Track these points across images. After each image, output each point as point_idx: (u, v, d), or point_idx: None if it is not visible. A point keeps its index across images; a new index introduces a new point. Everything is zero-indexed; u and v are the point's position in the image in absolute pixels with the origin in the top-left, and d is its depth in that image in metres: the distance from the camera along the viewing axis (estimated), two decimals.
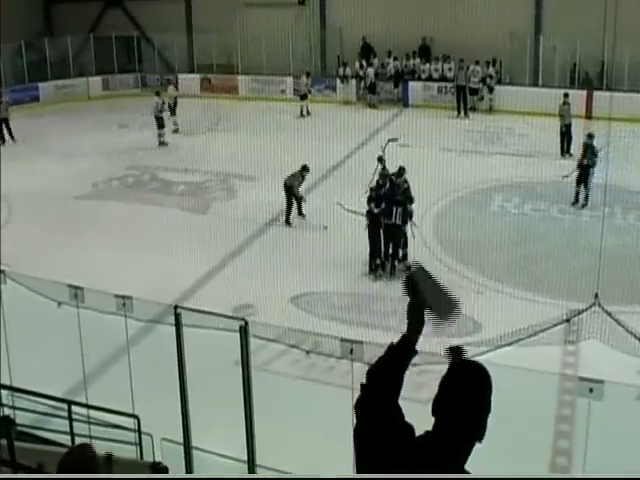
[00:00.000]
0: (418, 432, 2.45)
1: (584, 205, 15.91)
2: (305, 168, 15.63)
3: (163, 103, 22.37)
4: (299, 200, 15.55)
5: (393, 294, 11.30)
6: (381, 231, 13.03)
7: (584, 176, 16.07)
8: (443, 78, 25.70)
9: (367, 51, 27.06)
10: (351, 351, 8.17)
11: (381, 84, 26.32)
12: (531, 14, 25.78)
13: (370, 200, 13.16)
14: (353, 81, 26.55)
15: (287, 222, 15.30)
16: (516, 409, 8.15)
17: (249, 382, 7.78)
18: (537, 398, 8.61)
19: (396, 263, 12.93)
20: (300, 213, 15.59)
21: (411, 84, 25.92)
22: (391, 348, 2.60)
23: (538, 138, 20.28)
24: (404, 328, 2.60)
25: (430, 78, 25.89)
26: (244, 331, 7.78)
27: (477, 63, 24.96)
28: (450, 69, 25.63)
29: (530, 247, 13.77)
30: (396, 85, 26.25)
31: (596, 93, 23.10)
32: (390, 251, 13.03)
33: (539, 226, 14.68)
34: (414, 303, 2.60)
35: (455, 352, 2.47)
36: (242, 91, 27.32)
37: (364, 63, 26.57)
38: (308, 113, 24.78)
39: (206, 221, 15.51)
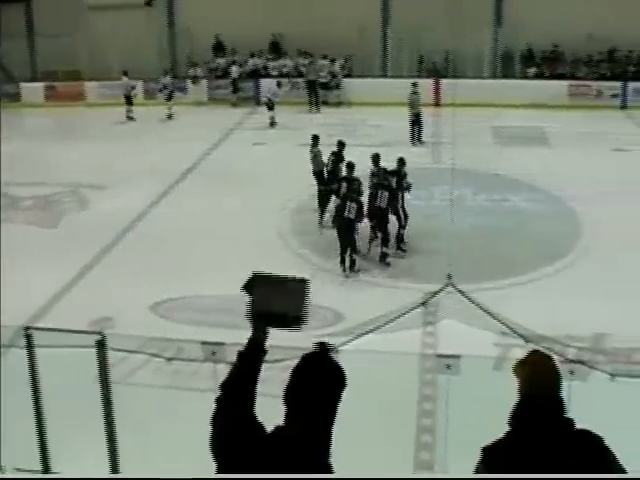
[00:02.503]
0: None
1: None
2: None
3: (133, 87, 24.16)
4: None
5: None
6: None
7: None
8: (298, 74, 25.83)
9: (219, 50, 26.88)
10: (213, 353, 8.08)
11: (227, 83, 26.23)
12: (378, 7, 26.42)
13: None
14: (204, 81, 26.30)
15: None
16: (380, 393, 8.32)
17: (108, 398, 7.52)
18: (400, 381, 8.79)
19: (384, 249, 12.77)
20: None
21: (262, 81, 25.91)
22: (240, 355, 2.63)
23: (391, 128, 20.79)
24: None
25: (281, 74, 25.96)
26: (101, 345, 7.53)
27: (325, 57, 25.32)
28: (304, 65, 25.81)
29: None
30: (235, 87, 26.08)
31: (443, 81, 23.96)
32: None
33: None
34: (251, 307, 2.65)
35: (322, 348, 2.56)
36: (90, 98, 26.43)
37: (221, 61, 26.45)
38: (275, 123, 22.62)
39: (58, 234, 14.86)
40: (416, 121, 20.58)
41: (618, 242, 13.30)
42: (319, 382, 2.49)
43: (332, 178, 14.62)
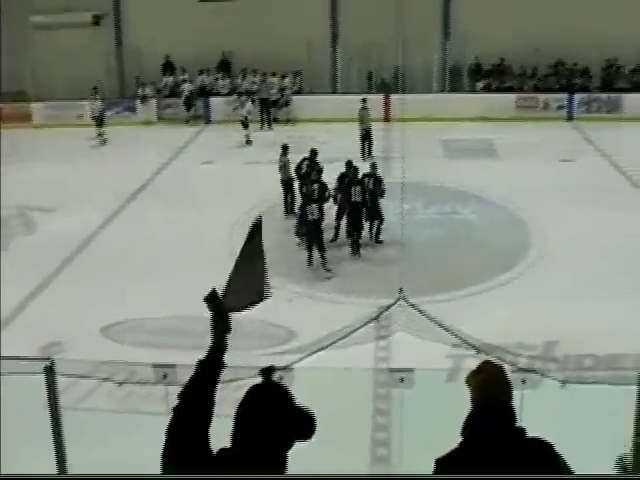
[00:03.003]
0: None
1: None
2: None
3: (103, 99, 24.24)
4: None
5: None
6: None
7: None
8: (247, 92, 25.75)
9: (168, 69, 26.72)
10: (165, 375, 7.96)
11: (179, 102, 26.08)
12: (327, 24, 26.56)
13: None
14: (153, 101, 26.10)
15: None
16: (334, 408, 8.25)
17: (58, 424, 7.38)
18: (354, 395, 8.79)
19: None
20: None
21: (212, 99, 25.85)
22: (199, 365, 2.57)
23: (342, 144, 20.83)
24: None
25: (232, 92, 25.91)
26: (50, 371, 7.40)
27: (274, 75, 25.38)
28: (254, 82, 25.79)
29: (335, 249, 14.11)
30: (187, 105, 26.04)
31: (393, 97, 24.14)
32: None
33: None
34: (217, 315, 2.61)
35: (265, 373, 2.49)
36: (36, 119, 25.97)
37: (169, 79, 26.34)
38: (251, 141, 22.58)
39: (6, 259, 14.52)
40: (366, 136, 20.74)
41: (567, 251, 13.56)
42: (274, 423, 2.39)
43: (304, 182, 15.21)
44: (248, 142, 22.57)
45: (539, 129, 22.74)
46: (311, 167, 15.41)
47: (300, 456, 2.48)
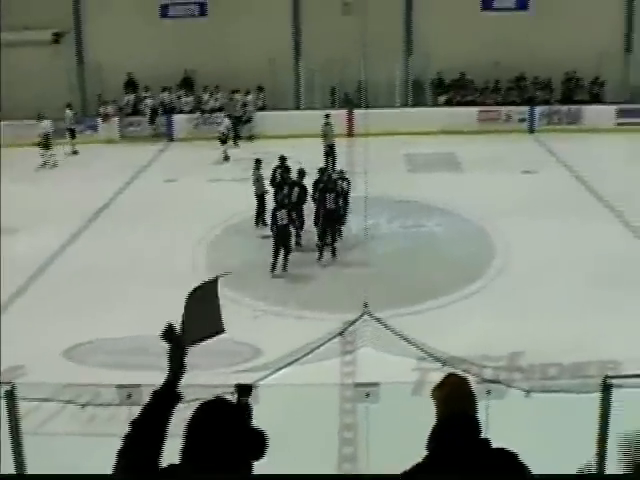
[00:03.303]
0: None
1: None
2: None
3: (75, 114, 24.61)
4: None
5: None
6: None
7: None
8: (212, 109, 25.68)
9: (131, 87, 26.53)
10: (129, 396, 7.83)
11: (142, 119, 25.94)
12: (290, 40, 26.62)
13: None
14: (115, 119, 25.89)
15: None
16: (302, 424, 8.23)
17: (19, 450, 7.23)
18: (320, 411, 8.74)
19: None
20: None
21: (175, 117, 25.73)
22: (154, 395, 2.58)
23: (305, 159, 20.82)
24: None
25: (195, 110, 25.82)
26: (11, 396, 7.27)
27: (238, 92, 25.35)
28: (217, 99, 25.73)
29: (301, 266, 14.11)
30: (152, 119, 25.93)
31: (357, 111, 24.22)
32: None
33: (308, 244, 15.03)
34: (175, 348, 2.63)
35: (243, 390, 2.47)
36: None
37: (130, 97, 26.16)
38: (228, 157, 22.67)
39: None
40: (330, 152, 20.80)
41: (529, 262, 13.71)
42: (223, 441, 2.35)
43: (282, 185, 15.49)
44: (226, 158, 22.64)
45: (501, 142, 23.01)
46: (285, 172, 15.85)
47: (267, 471, 2.44)
